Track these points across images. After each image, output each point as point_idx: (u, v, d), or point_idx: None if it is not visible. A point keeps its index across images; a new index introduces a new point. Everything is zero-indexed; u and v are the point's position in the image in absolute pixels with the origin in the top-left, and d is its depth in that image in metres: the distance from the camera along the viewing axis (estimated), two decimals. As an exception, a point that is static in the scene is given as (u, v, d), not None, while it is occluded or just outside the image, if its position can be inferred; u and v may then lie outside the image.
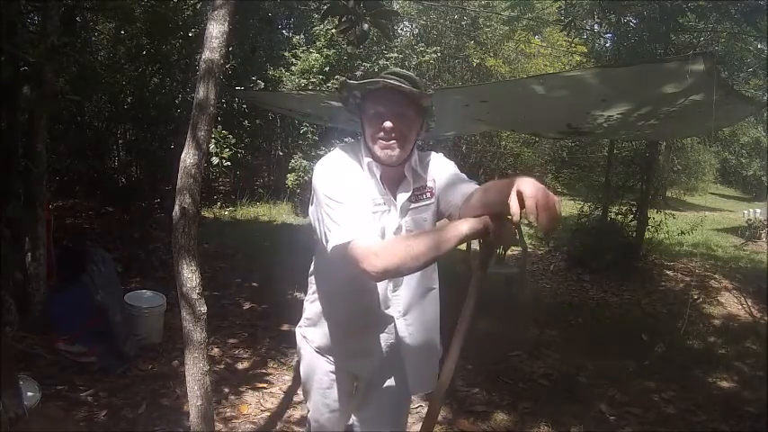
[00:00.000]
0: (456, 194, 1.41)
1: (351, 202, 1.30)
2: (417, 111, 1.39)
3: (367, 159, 1.40)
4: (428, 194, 1.48)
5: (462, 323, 1.22)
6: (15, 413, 2.22)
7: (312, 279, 1.62)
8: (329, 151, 1.50)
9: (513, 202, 1.09)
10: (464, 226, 1.20)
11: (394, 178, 1.44)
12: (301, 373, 1.69)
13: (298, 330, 1.67)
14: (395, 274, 1.28)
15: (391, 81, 1.32)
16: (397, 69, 1.43)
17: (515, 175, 1.18)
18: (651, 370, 3.63)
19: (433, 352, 1.59)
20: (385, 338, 1.52)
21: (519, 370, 3.53)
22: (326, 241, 1.31)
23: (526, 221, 1.10)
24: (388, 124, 1.34)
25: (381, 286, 1.47)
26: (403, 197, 1.43)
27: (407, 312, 1.52)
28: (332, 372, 1.59)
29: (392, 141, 1.35)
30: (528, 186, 1.08)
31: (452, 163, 1.54)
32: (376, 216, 1.38)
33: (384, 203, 1.41)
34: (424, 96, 1.37)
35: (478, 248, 1.21)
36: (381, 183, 1.41)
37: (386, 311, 1.50)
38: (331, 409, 1.62)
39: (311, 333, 1.61)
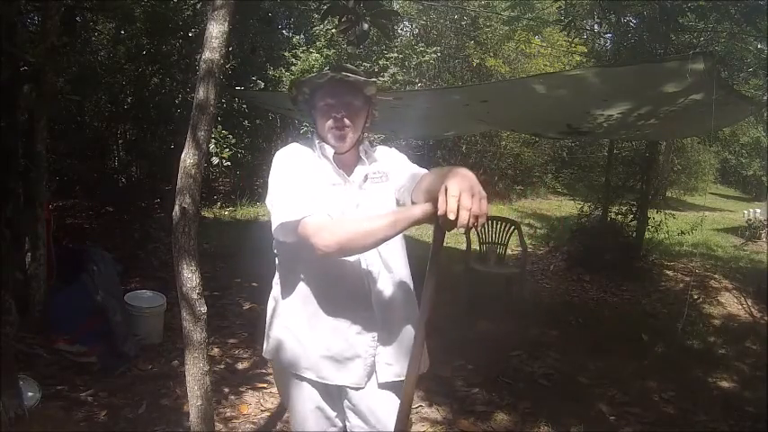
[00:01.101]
0: (406, 178, 1.48)
1: (302, 183, 1.36)
2: (364, 99, 1.48)
3: (318, 144, 1.47)
4: (384, 177, 1.53)
5: (423, 310, 1.22)
6: (15, 413, 2.23)
7: (278, 291, 1.54)
8: None
9: (441, 197, 1.12)
10: (416, 209, 1.24)
11: (349, 161, 1.50)
12: (284, 400, 1.61)
13: (268, 356, 1.57)
14: (346, 249, 1.29)
15: (336, 74, 1.40)
16: (340, 64, 1.53)
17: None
18: (651, 370, 3.63)
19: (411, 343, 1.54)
20: (367, 335, 1.47)
21: (519, 370, 3.53)
22: (275, 221, 1.35)
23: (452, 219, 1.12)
24: (338, 113, 1.42)
25: (356, 280, 1.44)
26: (360, 173, 1.49)
27: (387, 309, 1.48)
28: (315, 391, 1.51)
29: (344, 130, 1.44)
30: (453, 184, 1.11)
31: (403, 155, 1.62)
32: (332, 194, 1.41)
33: (339, 185, 1.46)
34: (369, 84, 1.46)
35: (433, 234, 1.23)
36: (336, 165, 1.47)
37: (364, 305, 1.46)
38: (321, 428, 1.55)
39: (284, 353, 1.51)
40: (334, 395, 1.54)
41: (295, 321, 1.49)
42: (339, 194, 1.44)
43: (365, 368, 1.48)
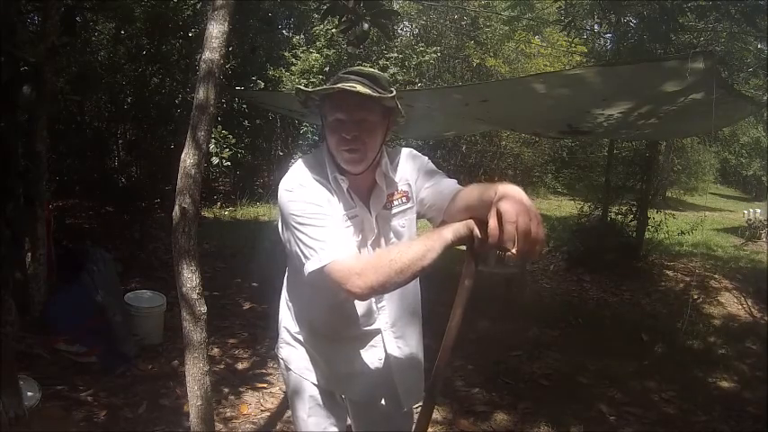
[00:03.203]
0: (437, 196, 1.33)
1: (322, 223, 1.21)
2: (381, 112, 1.28)
3: (332, 174, 1.30)
4: (404, 199, 1.38)
5: (449, 334, 1.14)
6: (15, 413, 2.23)
7: (286, 296, 1.55)
8: None
9: (492, 223, 1.00)
10: (448, 232, 1.11)
11: (364, 186, 1.34)
12: (288, 399, 1.62)
13: (278, 353, 1.59)
14: (380, 291, 1.17)
15: (348, 84, 1.20)
16: (357, 68, 1.31)
17: (500, 180, 1.11)
18: (651, 370, 3.63)
19: (420, 363, 1.53)
20: (373, 354, 1.45)
21: (519, 370, 3.53)
22: (302, 266, 1.23)
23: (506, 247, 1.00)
24: (349, 134, 1.24)
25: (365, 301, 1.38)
26: (377, 205, 1.35)
27: (395, 324, 1.45)
28: (318, 395, 1.51)
29: (355, 153, 1.25)
30: (508, 206, 0.98)
31: (426, 159, 1.44)
32: (350, 230, 1.30)
33: (357, 215, 1.32)
34: (386, 98, 1.25)
35: (466, 256, 1.12)
36: (351, 194, 1.32)
37: (372, 324, 1.43)
38: (322, 428, 1.54)
39: (292, 356, 1.53)
40: (337, 398, 1.55)
41: (301, 331, 1.50)
42: (357, 225, 1.32)
43: (368, 386, 1.48)
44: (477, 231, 1.09)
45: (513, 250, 0.98)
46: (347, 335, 1.44)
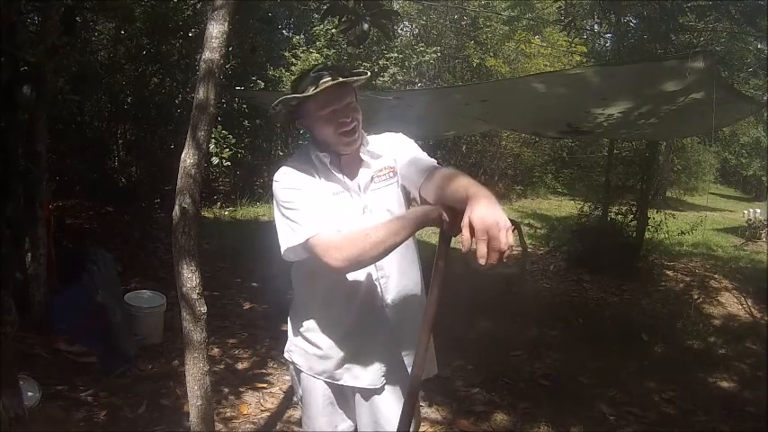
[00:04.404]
0: (415, 172, 1.43)
1: (305, 204, 1.33)
2: (355, 95, 1.45)
3: (314, 154, 1.43)
4: (390, 173, 1.49)
5: (427, 312, 1.23)
6: (15, 413, 2.22)
7: (293, 292, 1.60)
8: None
9: (466, 232, 1.09)
10: (421, 214, 1.25)
11: (350, 164, 1.46)
12: (300, 400, 1.64)
13: (287, 356, 1.62)
14: (357, 263, 1.28)
15: (331, 79, 1.35)
16: (320, 64, 1.52)
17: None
18: (651, 370, 3.63)
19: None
20: (378, 334, 1.49)
21: (519, 370, 3.53)
22: (282, 242, 1.35)
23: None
24: (348, 117, 1.38)
25: (369, 284, 1.45)
26: (364, 177, 1.45)
27: (396, 299, 1.49)
28: (331, 394, 1.55)
29: (354, 133, 1.40)
30: (480, 221, 1.07)
31: (411, 141, 1.56)
32: (337, 204, 1.39)
33: (343, 191, 1.43)
34: (365, 79, 1.43)
35: (438, 239, 1.23)
36: (337, 171, 1.43)
37: (375, 303, 1.48)
38: (336, 428, 1.58)
39: (302, 357, 1.56)
40: (347, 394, 1.57)
41: (310, 326, 1.53)
42: (344, 202, 1.42)
43: (378, 371, 1.51)
44: (445, 216, 1.20)
45: (482, 263, 1.08)
46: (351, 315, 1.47)
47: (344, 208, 1.41)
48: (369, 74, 1.45)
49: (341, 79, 1.35)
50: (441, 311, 1.23)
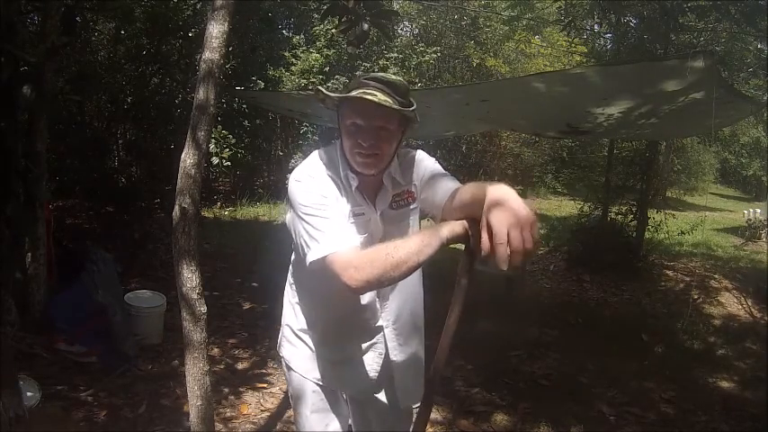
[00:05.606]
0: (437, 194, 1.36)
1: (328, 215, 1.24)
2: (399, 121, 1.29)
3: (344, 172, 1.34)
4: (409, 199, 1.42)
5: (447, 332, 1.16)
6: (15, 413, 2.22)
7: (290, 291, 1.56)
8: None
9: (484, 237, 1.02)
10: (444, 230, 1.13)
11: (372, 186, 1.38)
12: (290, 398, 1.62)
13: (279, 352, 1.60)
14: (377, 285, 1.19)
15: (369, 94, 1.21)
16: (381, 74, 1.29)
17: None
18: (651, 370, 3.63)
19: (420, 363, 1.55)
20: (374, 351, 1.47)
21: (519, 370, 3.53)
22: (304, 255, 1.26)
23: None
24: (365, 141, 1.26)
25: (368, 294, 1.40)
26: (382, 204, 1.38)
27: (397, 322, 1.47)
28: (321, 392, 1.52)
29: (369, 158, 1.28)
30: (498, 221, 0.99)
31: (433, 160, 1.48)
32: (356, 226, 1.33)
33: (364, 213, 1.36)
34: (406, 111, 1.27)
35: (463, 255, 1.14)
36: (359, 192, 1.35)
37: (374, 320, 1.45)
38: (327, 428, 1.55)
39: (294, 356, 1.54)
40: (339, 396, 1.56)
41: (305, 329, 1.51)
42: (363, 224, 1.35)
43: (367, 380, 1.49)
44: (471, 231, 1.12)
45: (504, 267, 0.99)
46: (349, 330, 1.46)
47: (363, 230, 1.35)
48: (414, 106, 1.29)
49: (370, 98, 1.20)
50: (440, 311, 1.22)
